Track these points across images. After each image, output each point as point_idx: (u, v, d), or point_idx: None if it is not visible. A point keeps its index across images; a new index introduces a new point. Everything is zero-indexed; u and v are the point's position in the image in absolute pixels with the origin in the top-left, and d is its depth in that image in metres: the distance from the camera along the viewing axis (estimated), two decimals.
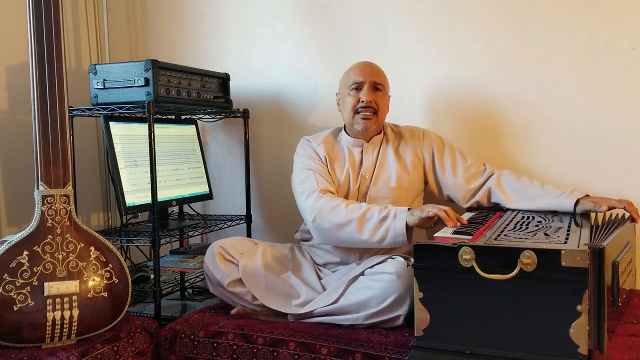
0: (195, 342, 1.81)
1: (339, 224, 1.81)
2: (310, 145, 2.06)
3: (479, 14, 2.16)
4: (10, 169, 2.24)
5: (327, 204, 1.84)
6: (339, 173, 2.01)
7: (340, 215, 1.80)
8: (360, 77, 1.95)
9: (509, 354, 1.33)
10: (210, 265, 1.96)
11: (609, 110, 2.04)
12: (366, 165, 2.01)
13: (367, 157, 2.02)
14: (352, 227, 1.78)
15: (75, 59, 2.54)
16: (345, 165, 2.01)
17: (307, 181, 1.95)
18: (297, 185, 1.98)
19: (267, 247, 2.03)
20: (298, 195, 1.96)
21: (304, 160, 2.02)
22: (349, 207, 1.81)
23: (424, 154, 2.03)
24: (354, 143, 2.04)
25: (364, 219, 1.77)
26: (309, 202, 1.89)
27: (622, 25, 2.00)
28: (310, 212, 1.87)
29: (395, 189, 1.97)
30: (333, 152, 2.04)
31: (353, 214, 1.79)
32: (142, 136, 2.10)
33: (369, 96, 1.94)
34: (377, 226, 1.75)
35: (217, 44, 2.57)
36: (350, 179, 2.00)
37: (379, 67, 2.02)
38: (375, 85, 1.96)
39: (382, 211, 1.76)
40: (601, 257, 1.27)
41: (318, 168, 1.98)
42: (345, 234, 1.81)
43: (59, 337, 1.65)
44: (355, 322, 1.75)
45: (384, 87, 1.99)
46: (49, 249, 1.66)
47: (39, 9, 1.71)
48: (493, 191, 1.94)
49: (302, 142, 2.10)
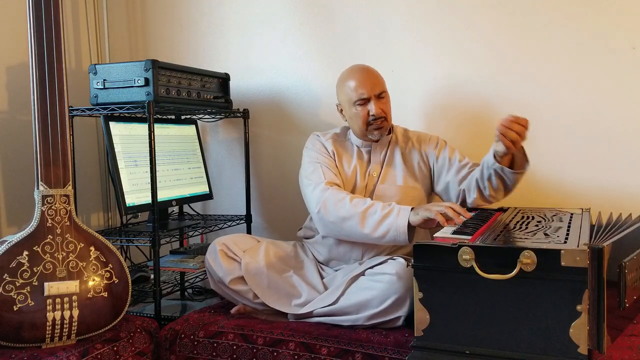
0: (195, 342, 1.81)
1: (343, 217, 1.82)
2: (319, 140, 2.07)
3: (479, 14, 2.17)
4: (10, 169, 2.24)
5: (333, 197, 1.85)
6: (347, 168, 2.02)
7: (345, 208, 1.82)
8: (365, 94, 1.94)
9: (509, 354, 1.33)
10: (212, 262, 1.96)
11: (609, 110, 2.04)
12: (374, 163, 2.03)
13: (376, 156, 2.03)
14: (354, 221, 1.80)
15: (75, 59, 2.54)
16: (353, 162, 2.03)
17: (315, 173, 1.96)
18: (304, 177, 1.99)
19: (270, 245, 2.03)
20: (305, 187, 1.97)
21: (312, 154, 2.03)
22: (353, 201, 1.83)
23: (428, 156, 2.04)
24: (362, 143, 2.05)
25: (367, 214, 1.79)
26: (315, 193, 1.90)
27: (622, 25, 2.00)
28: (315, 204, 1.88)
29: (402, 187, 1.98)
30: (341, 148, 2.06)
31: (357, 208, 1.80)
32: (142, 136, 2.10)
33: (378, 108, 1.94)
34: (379, 222, 1.76)
35: (217, 44, 2.57)
36: (358, 175, 2.01)
37: (375, 73, 2.00)
38: (379, 95, 1.96)
39: (385, 208, 1.77)
40: (601, 257, 1.27)
41: (326, 161, 2.00)
42: (348, 227, 1.82)
43: (59, 337, 1.65)
44: (355, 322, 1.74)
45: (386, 92, 1.99)
46: (49, 249, 1.66)
47: (39, 9, 1.71)
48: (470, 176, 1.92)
49: (311, 137, 2.12)
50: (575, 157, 2.09)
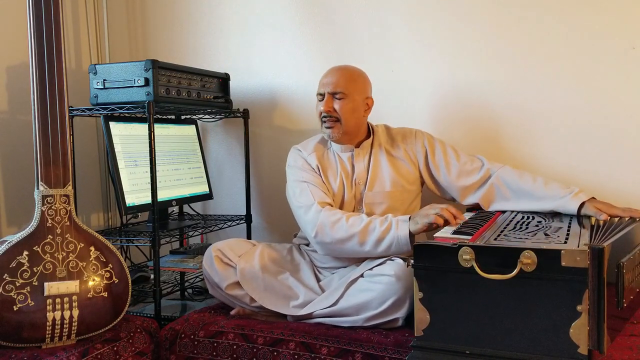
0: (195, 342, 1.81)
1: (342, 239, 1.80)
2: (301, 156, 2.04)
3: (479, 15, 2.16)
4: (10, 169, 2.24)
5: (328, 219, 1.83)
6: (333, 182, 1.99)
7: (342, 230, 1.80)
8: (322, 89, 1.97)
9: (509, 354, 1.33)
10: (209, 269, 1.96)
11: (610, 110, 2.04)
12: (358, 171, 1.99)
13: (359, 164, 2.00)
14: (354, 241, 1.79)
15: (75, 59, 2.54)
16: (338, 173, 2.00)
17: (303, 195, 1.93)
18: (293, 198, 1.96)
19: (265, 249, 2.03)
20: (296, 209, 1.95)
21: (296, 173, 2.00)
22: (349, 220, 1.80)
23: (416, 155, 2.01)
24: (342, 149, 2.02)
25: (366, 232, 1.77)
26: (308, 216, 1.88)
27: (622, 25, 2.00)
28: (311, 228, 1.86)
29: (391, 192, 1.96)
30: (324, 160, 2.03)
31: (354, 228, 1.78)
32: (142, 136, 2.10)
33: (327, 106, 1.94)
34: (380, 238, 1.75)
35: (217, 44, 2.57)
36: (345, 186, 1.98)
37: (343, 74, 1.96)
38: (333, 95, 1.94)
39: (384, 223, 1.75)
40: (601, 257, 1.27)
41: (312, 179, 1.96)
42: (349, 248, 1.81)
43: (59, 337, 1.65)
44: (355, 324, 1.74)
45: (345, 94, 1.94)
46: (49, 249, 1.66)
47: (39, 9, 1.71)
48: (494, 190, 1.91)
49: (292, 152, 2.08)
50: (576, 156, 2.08)
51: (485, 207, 1.94)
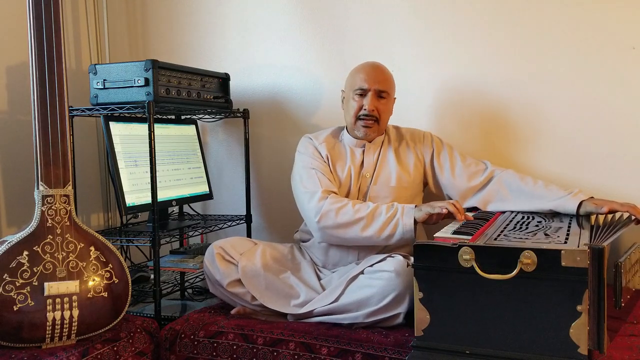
0: (195, 342, 1.81)
1: (346, 223, 1.83)
2: (312, 144, 2.06)
3: (481, 15, 2.16)
4: (10, 169, 2.24)
5: (333, 205, 1.85)
6: (341, 172, 2.01)
7: (348, 215, 1.83)
8: (366, 84, 1.94)
9: (509, 354, 1.33)
10: (210, 266, 1.97)
11: (610, 110, 2.04)
12: (367, 165, 2.02)
13: (369, 157, 2.03)
14: (359, 225, 1.81)
15: (75, 59, 2.54)
16: (347, 165, 2.02)
17: (310, 180, 1.95)
18: (300, 184, 1.97)
19: (267, 247, 2.03)
20: (301, 195, 1.96)
21: (305, 159, 2.02)
22: (355, 206, 1.84)
23: (424, 155, 2.04)
24: (356, 143, 2.04)
25: (373, 217, 1.81)
26: (312, 202, 1.89)
27: (622, 25, 2.00)
28: (314, 213, 1.87)
29: (395, 188, 1.98)
30: (335, 151, 2.05)
31: (360, 212, 1.82)
32: (142, 136, 2.10)
33: (372, 105, 1.94)
34: (385, 223, 1.79)
35: (217, 44, 2.57)
36: (352, 178, 2.01)
37: (386, 72, 2.00)
38: (379, 93, 1.95)
39: (390, 209, 1.81)
40: (601, 257, 1.27)
41: (320, 167, 1.99)
42: (350, 233, 1.83)
43: (59, 337, 1.65)
44: (355, 320, 1.75)
45: (389, 94, 1.98)
46: (49, 249, 1.66)
47: (39, 9, 1.71)
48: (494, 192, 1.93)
49: (303, 140, 2.10)
50: (577, 156, 2.09)
51: (484, 208, 1.95)
